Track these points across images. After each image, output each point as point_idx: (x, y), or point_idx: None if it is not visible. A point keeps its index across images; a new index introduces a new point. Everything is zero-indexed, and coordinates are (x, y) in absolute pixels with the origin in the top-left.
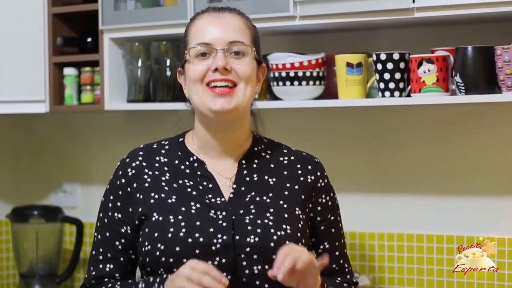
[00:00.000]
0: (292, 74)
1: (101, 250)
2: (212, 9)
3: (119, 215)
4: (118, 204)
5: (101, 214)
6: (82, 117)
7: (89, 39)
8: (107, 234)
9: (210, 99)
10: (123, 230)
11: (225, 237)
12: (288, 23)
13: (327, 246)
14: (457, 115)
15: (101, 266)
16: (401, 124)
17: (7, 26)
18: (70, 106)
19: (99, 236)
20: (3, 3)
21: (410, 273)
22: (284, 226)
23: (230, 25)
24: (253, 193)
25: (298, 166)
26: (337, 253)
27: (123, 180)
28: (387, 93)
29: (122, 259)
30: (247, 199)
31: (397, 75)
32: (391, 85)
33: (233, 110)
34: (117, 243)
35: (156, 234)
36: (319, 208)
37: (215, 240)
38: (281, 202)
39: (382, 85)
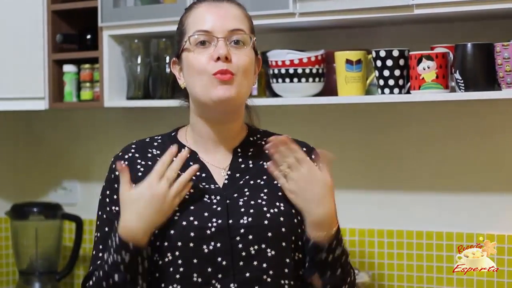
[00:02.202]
0: (291, 71)
1: (100, 247)
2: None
3: (116, 208)
4: (114, 197)
5: (99, 212)
6: (82, 114)
7: (88, 36)
8: (106, 229)
9: (214, 88)
10: None
11: (220, 221)
12: (287, 20)
13: None
14: (456, 112)
15: (99, 262)
16: (400, 121)
17: (6, 23)
18: (69, 103)
19: (99, 234)
20: (2, 0)
21: (410, 270)
22: (277, 204)
23: (230, 14)
24: (247, 177)
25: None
26: None
27: (116, 173)
28: (386, 90)
29: None
30: (241, 182)
31: (397, 72)
32: (391, 82)
33: (234, 99)
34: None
35: None
36: None
37: (209, 224)
38: (275, 182)
39: (381, 82)
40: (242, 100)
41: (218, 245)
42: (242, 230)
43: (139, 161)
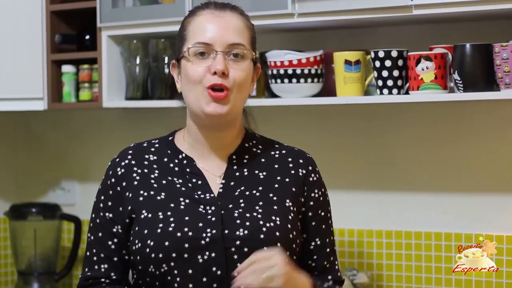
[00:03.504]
0: (290, 71)
1: (94, 251)
2: (214, 6)
3: (110, 215)
4: (109, 203)
5: (93, 215)
6: (80, 115)
7: (87, 37)
8: (100, 234)
9: (206, 103)
10: (115, 230)
11: (214, 231)
12: (286, 20)
13: (318, 242)
14: (455, 113)
15: (96, 267)
16: (399, 122)
17: (5, 23)
18: (68, 103)
19: (92, 237)
20: (1, 0)
21: (409, 271)
22: (273, 218)
23: (231, 26)
24: (242, 188)
25: (289, 159)
26: (328, 250)
27: (113, 180)
28: (385, 91)
29: (115, 259)
30: (236, 193)
31: (395, 73)
32: (389, 82)
33: (226, 115)
34: (109, 242)
35: (145, 231)
36: (311, 203)
37: (204, 234)
38: (271, 195)
39: (380, 83)
40: (236, 114)
41: (213, 255)
42: (238, 242)
43: (135, 168)
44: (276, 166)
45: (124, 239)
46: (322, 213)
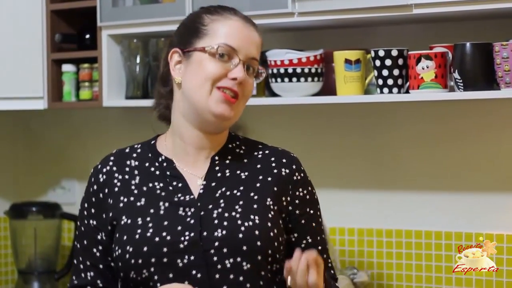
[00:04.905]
0: (290, 70)
1: (81, 258)
2: (243, 16)
3: (94, 222)
4: (93, 211)
5: (78, 223)
6: (81, 114)
7: (87, 36)
8: (85, 242)
9: (215, 102)
10: (99, 237)
11: (192, 234)
12: (286, 19)
13: (309, 240)
14: (455, 112)
15: (82, 275)
16: (399, 121)
17: (5, 23)
18: (68, 102)
19: (78, 245)
20: (1, 0)
21: (409, 269)
22: (252, 217)
23: (255, 41)
24: (223, 188)
25: (272, 159)
26: (319, 247)
27: (95, 187)
28: (385, 90)
29: (101, 266)
30: (217, 194)
31: (396, 72)
32: (390, 81)
33: (231, 118)
34: (94, 250)
35: (125, 238)
36: (297, 202)
37: (182, 238)
38: (252, 194)
39: (380, 82)
40: (235, 120)
41: (192, 258)
42: (216, 243)
43: (116, 175)
44: (259, 166)
45: (108, 246)
46: (311, 211)
